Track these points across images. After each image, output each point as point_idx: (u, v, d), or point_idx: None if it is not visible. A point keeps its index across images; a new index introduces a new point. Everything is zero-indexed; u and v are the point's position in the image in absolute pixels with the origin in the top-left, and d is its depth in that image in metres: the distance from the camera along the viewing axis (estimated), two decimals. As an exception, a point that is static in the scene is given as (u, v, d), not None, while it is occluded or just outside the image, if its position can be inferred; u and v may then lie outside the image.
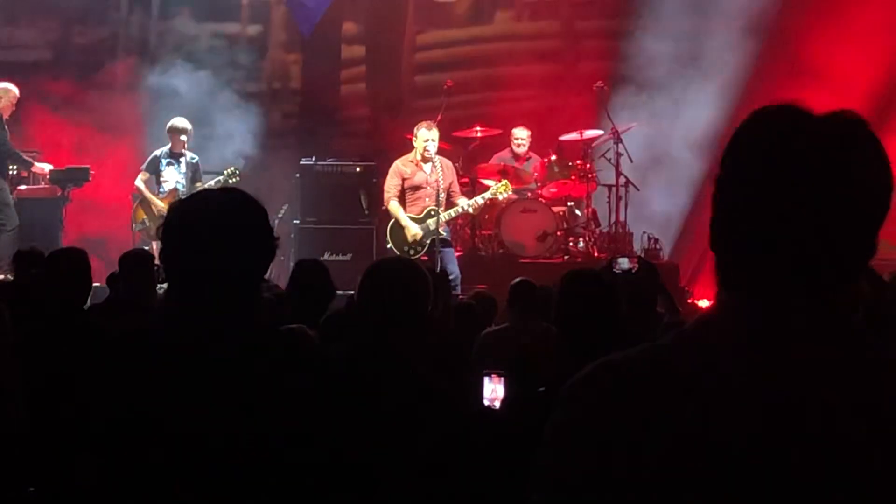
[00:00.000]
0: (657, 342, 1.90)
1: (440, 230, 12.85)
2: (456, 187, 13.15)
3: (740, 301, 1.89)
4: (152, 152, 14.28)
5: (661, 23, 16.18)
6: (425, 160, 12.86)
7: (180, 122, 14.19)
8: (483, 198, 13.14)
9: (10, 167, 13.70)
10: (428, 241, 12.81)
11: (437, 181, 12.86)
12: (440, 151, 13.06)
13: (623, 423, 1.81)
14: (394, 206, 12.96)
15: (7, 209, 13.42)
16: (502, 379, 5.34)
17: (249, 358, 3.03)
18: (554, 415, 1.93)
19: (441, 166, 12.96)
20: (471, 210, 13.14)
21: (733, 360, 1.83)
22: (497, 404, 5.24)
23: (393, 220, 13.05)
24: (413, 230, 12.84)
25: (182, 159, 14.07)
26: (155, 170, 14.08)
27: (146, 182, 14.04)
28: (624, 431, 1.81)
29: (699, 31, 16.02)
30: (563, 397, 1.92)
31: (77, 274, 6.51)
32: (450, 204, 12.96)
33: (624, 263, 7.11)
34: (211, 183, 13.90)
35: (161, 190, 13.93)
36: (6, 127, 13.64)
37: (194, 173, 14.12)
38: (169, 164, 14.06)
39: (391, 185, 13.03)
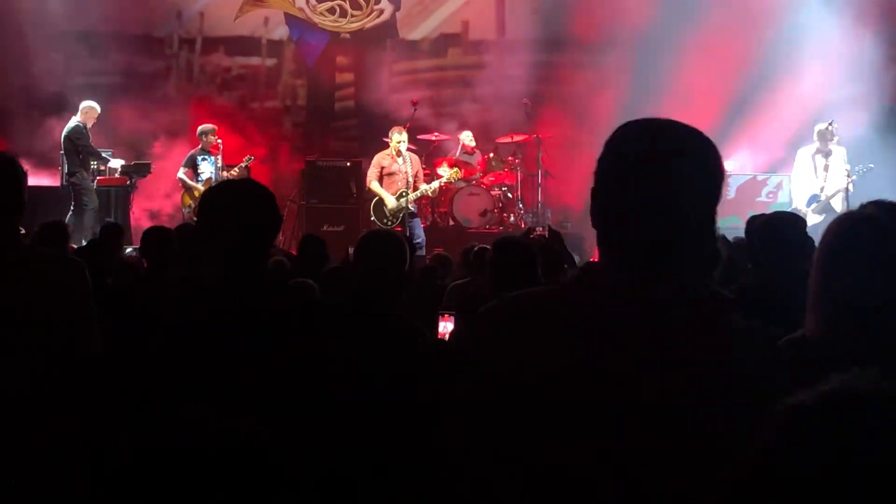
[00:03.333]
0: (547, 286, 1.91)
1: (409, 206, 12.93)
2: (420, 174, 13.26)
3: (605, 268, 1.90)
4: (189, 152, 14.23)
5: (569, 55, 16.30)
6: (398, 154, 12.94)
7: (206, 127, 14.15)
8: (441, 181, 13.33)
9: (92, 162, 13.69)
10: (401, 215, 12.90)
11: (406, 171, 12.94)
12: (408, 150, 13.10)
13: (512, 342, 1.84)
14: (375, 186, 13.07)
15: (90, 193, 13.45)
16: (452, 317, 5.34)
17: (262, 302, 3.05)
18: (469, 333, 1.95)
19: (410, 159, 13.05)
20: (430, 193, 13.28)
21: (596, 306, 1.83)
22: (447, 336, 5.24)
23: (375, 200, 13.09)
24: (391, 203, 12.89)
25: (213, 156, 14.02)
26: (192, 164, 13.96)
27: (186, 174, 13.95)
28: (513, 346, 1.83)
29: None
30: (475, 321, 1.96)
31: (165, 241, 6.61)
32: (416, 187, 13.04)
33: (538, 230, 7.13)
34: (235, 170, 13.89)
35: (199, 179, 13.83)
36: (90, 133, 13.65)
37: (229, 170, 14.07)
38: (203, 159, 13.96)
39: (372, 173, 13.16)
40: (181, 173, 13.98)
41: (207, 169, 13.91)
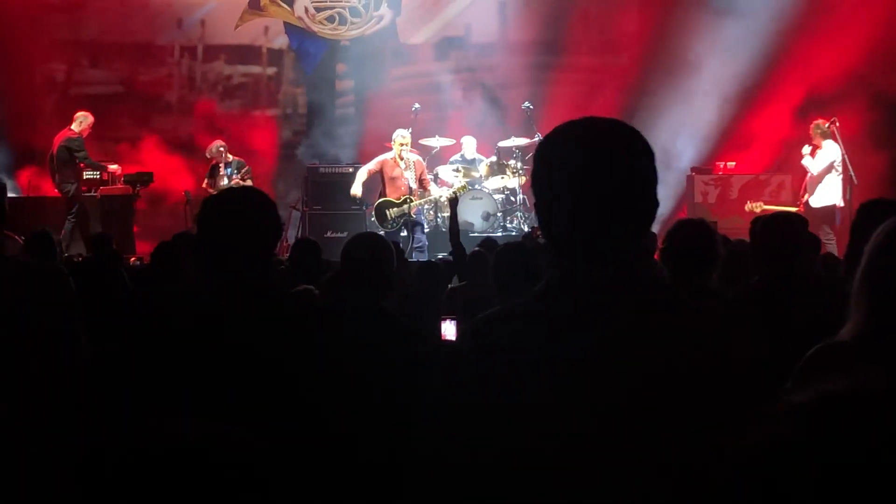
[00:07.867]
0: (515, 303, 1.93)
1: (412, 213, 12.97)
2: (425, 175, 13.40)
3: (559, 273, 1.90)
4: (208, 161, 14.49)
5: (570, 58, 16.31)
6: (401, 158, 12.98)
7: (216, 144, 14.46)
8: (448, 194, 13.24)
9: (88, 173, 13.73)
10: (402, 221, 12.92)
11: (409, 176, 13.05)
12: (410, 152, 13.22)
13: (488, 361, 1.84)
14: (360, 172, 13.35)
15: (80, 204, 13.58)
16: (454, 321, 5.38)
17: (257, 309, 3.03)
18: (452, 356, 1.96)
19: (413, 164, 13.17)
20: (443, 199, 13.31)
21: (557, 317, 1.83)
22: (453, 338, 5.29)
23: (376, 205, 13.13)
24: (356, 191, 13.26)
25: (231, 165, 14.21)
26: (213, 174, 14.29)
27: (208, 184, 14.20)
28: (489, 366, 1.84)
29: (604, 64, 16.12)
30: (456, 346, 1.97)
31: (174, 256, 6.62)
32: (422, 187, 13.20)
33: (538, 232, 7.10)
34: (235, 175, 14.10)
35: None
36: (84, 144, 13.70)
37: (242, 171, 14.27)
38: (221, 172, 14.24)
39: (370, 164, 13.45)
40: (205, 184, 14.31)
41: (225, 177, 14.13)
